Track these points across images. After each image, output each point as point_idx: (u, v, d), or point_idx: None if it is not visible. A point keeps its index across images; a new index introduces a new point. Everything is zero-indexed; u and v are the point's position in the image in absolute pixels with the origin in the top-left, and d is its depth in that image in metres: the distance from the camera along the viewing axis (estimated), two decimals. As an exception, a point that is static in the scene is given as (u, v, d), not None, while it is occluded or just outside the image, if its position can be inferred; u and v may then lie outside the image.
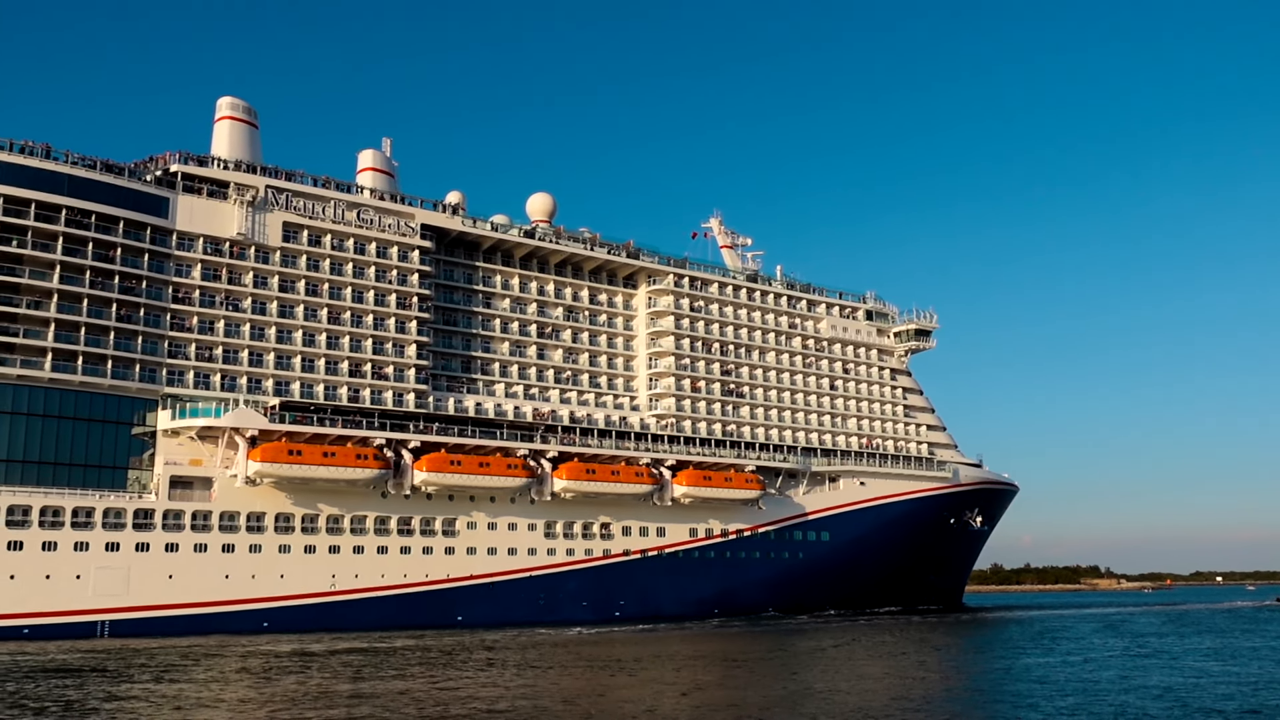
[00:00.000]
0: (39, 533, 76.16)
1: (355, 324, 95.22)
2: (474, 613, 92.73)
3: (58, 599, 76.07)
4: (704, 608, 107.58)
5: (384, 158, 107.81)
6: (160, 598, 79.77)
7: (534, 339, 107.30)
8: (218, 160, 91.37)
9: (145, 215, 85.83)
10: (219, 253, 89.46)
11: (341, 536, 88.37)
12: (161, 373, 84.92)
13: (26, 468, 78.04)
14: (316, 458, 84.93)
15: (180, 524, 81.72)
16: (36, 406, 79.02)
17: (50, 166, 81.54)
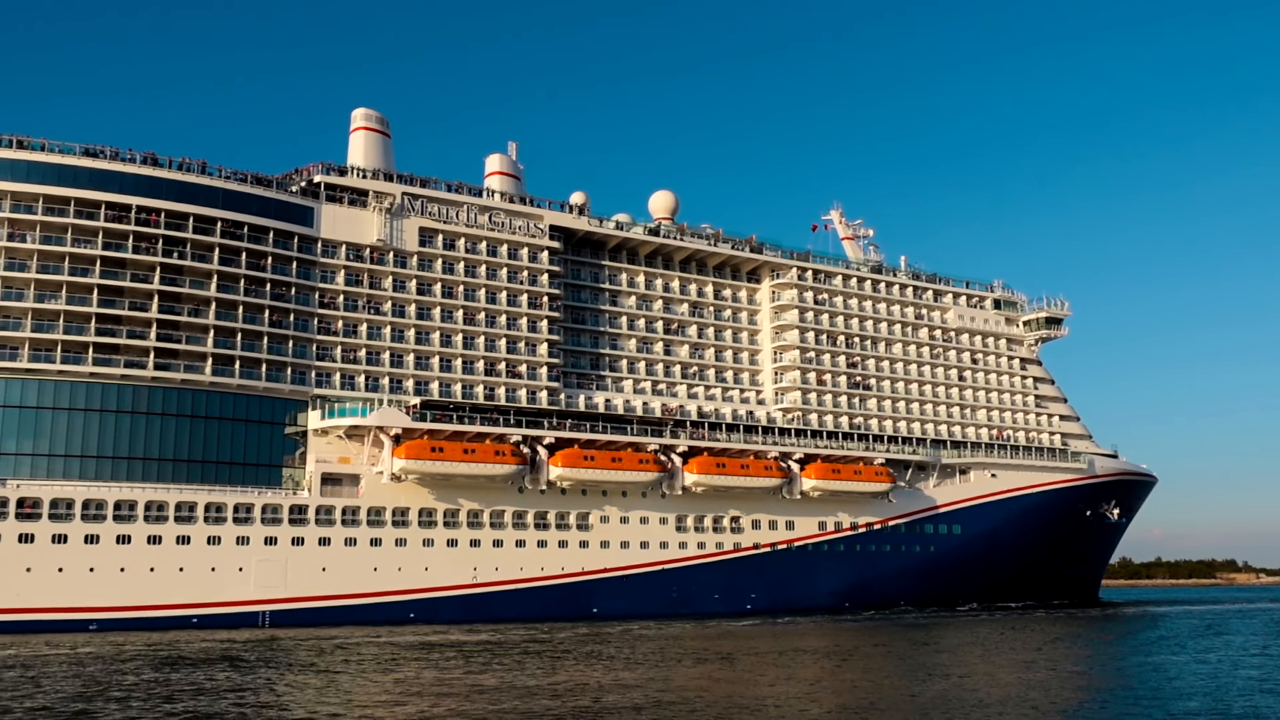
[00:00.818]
0: (204, 528, 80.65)
1: (489, 324, 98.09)
2: (609, 605, 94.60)
3: (223, 590, 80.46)
4: (835, 600, 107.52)
5: (510, 161, 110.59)
6: (315, 589, 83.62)
7: (660, 335, 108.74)
8: (357, 170, 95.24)
9: (292, 225, 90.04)
10: (360, 258, 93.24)
11: (481, 530, 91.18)
12: (310, 375, 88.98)
13: (191, 466, 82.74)
14: (457, 454, 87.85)
15: (331, 519, 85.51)
16: (199, 409, 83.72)
17: (206, 181, 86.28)
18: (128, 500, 78.58)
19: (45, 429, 78.72)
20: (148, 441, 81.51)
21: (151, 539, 78.69)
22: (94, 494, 77.71)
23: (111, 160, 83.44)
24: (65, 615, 74.64)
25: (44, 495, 76.16)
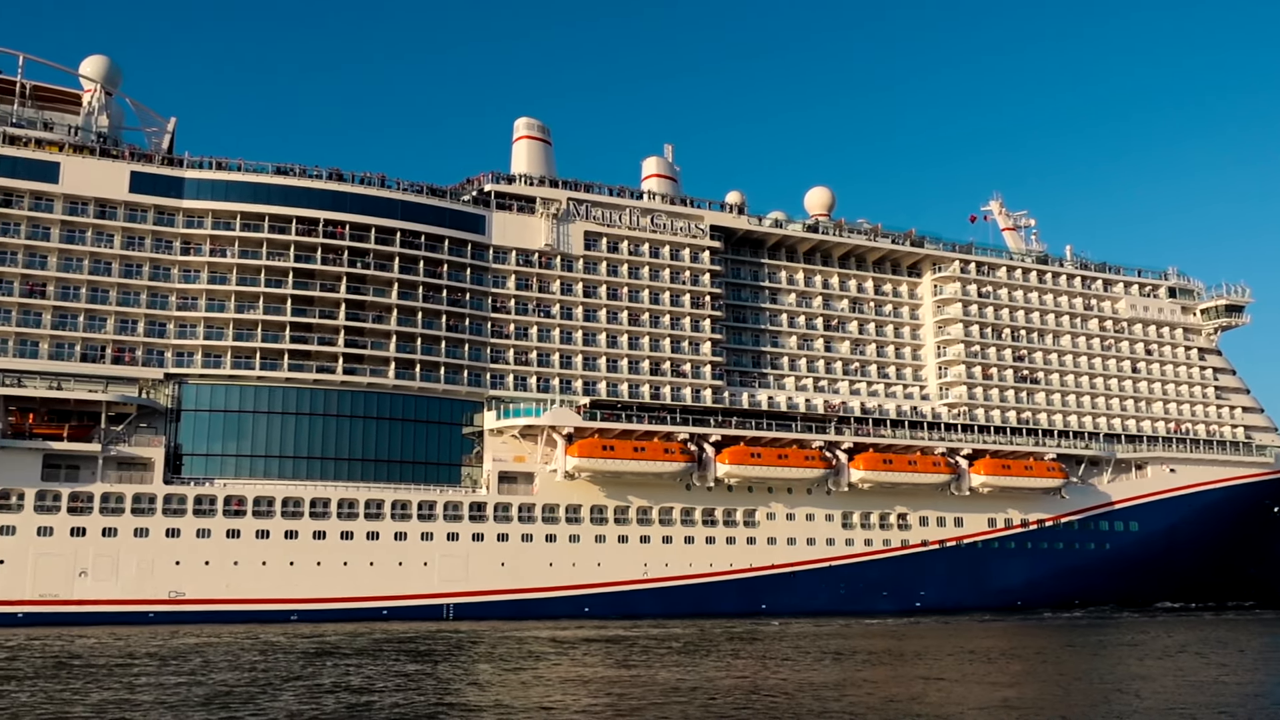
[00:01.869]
0: (391, 524, 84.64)
1: (653, 324, 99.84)
2: (777, 601, 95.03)
3: (410, 584, 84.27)
4: (1006, 599, 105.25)
5: (667, 163, 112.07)
6: (495, 583, 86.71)
7: (820, 332, 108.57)
8: (524, 178, 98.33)
9: (465, 233, 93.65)
10: (529, 263, 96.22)
11: (650, 527, 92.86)
12: (485, 377, 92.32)
13: (378, 466, 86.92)
14: (628, 452, 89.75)
15: (508, 516, 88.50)
16: (384, 410, 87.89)
17: (386, 194, 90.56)
18: (322, 498, 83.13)
19: (247, 431, 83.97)
20: (338, 442, 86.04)
21: (344, 534, 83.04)
22: (292, 492, 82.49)
23: (300, 177, 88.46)
24: (269, 606, 79.46)
25: (248, 494, 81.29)
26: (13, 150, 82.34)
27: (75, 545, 76.17)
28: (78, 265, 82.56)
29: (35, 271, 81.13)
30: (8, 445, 75.67)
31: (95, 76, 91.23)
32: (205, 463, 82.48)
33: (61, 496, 76.57)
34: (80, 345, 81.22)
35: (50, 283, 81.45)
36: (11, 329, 79.51)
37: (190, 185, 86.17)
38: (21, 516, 75.34)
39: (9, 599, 73.90)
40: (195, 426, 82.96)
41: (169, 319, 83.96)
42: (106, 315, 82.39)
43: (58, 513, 76.27)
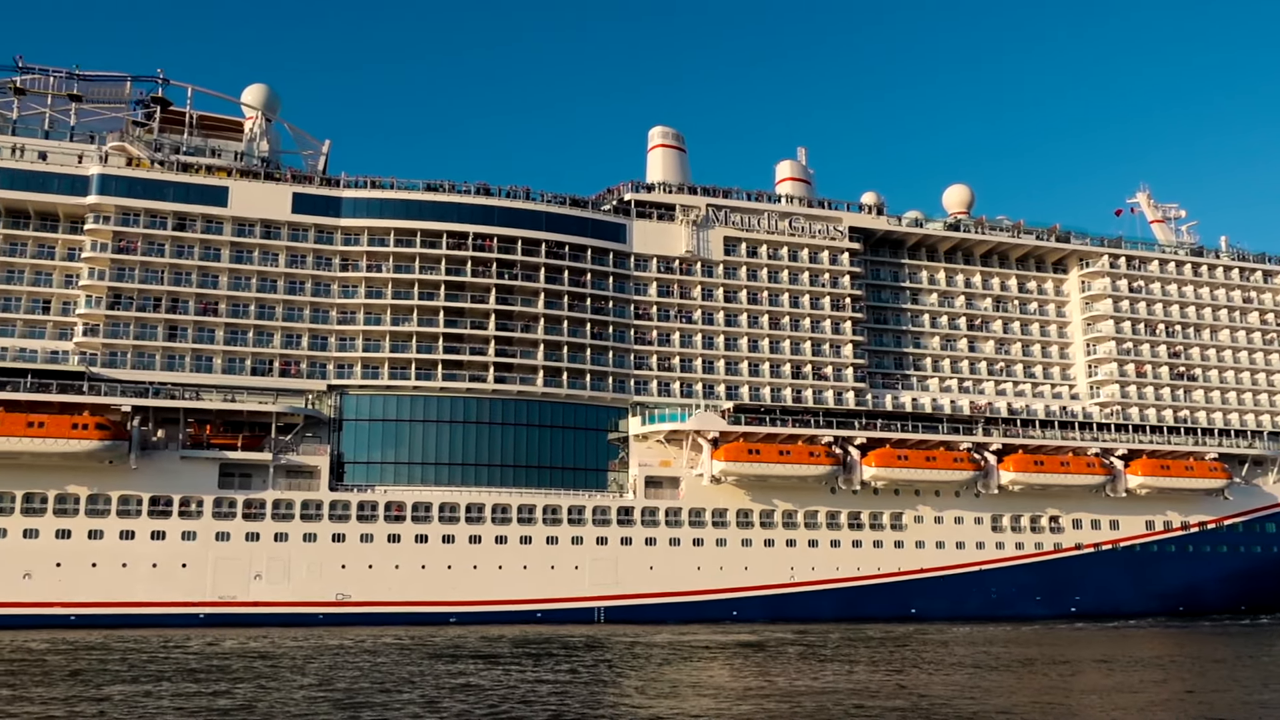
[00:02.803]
0: (543, 529, 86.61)
1: (794, 328, 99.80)
2: (926, 605, 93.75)
3: (561, 587, 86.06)
4: (1166, 604, 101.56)
5: (801, 166, 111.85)
6: (643, 587, 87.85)
7: (964, 332, 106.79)
8: (663, 186, 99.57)
9: (607, 242, 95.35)
10: (670, 270, 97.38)
11: (796, 530, 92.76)
12: (630, 383, 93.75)
13: (528, 472, 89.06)
14: (774, 456, 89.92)
15: (655, 520, 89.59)
16: (533, 418, 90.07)
17: (531, 206, 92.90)
18: (476, 503, 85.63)
19: (404, 439, 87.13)
20: (490, 448, 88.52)
21: (498, 539, 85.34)
22: (448, 498, 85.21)
23: (450, 193, 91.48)
24: (429, 609, 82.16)
25: (407, 499, 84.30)
26: (185, 177, 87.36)
27: (250, 550, 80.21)
28: (246, 284, 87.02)
29: (208, 291, 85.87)
30: (188, 455, 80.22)
31: (256, 104, 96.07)
32: (366, 470, 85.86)
33: (237, 503, 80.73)
34: (250, 360, 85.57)
35: (222, 301, 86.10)
36: (188, 345, 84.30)
37: (347, 204, 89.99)
38: (201, 523, 79.72)
39: (191, 600, 78.24)
40: (356, 435, 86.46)
41: (330, 333, 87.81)
42: (273, 331, 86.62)
43: (233, 519, 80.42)
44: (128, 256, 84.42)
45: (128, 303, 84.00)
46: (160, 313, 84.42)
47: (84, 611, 75.69)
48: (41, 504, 77.01)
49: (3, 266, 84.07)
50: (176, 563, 78.53)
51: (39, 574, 75.75)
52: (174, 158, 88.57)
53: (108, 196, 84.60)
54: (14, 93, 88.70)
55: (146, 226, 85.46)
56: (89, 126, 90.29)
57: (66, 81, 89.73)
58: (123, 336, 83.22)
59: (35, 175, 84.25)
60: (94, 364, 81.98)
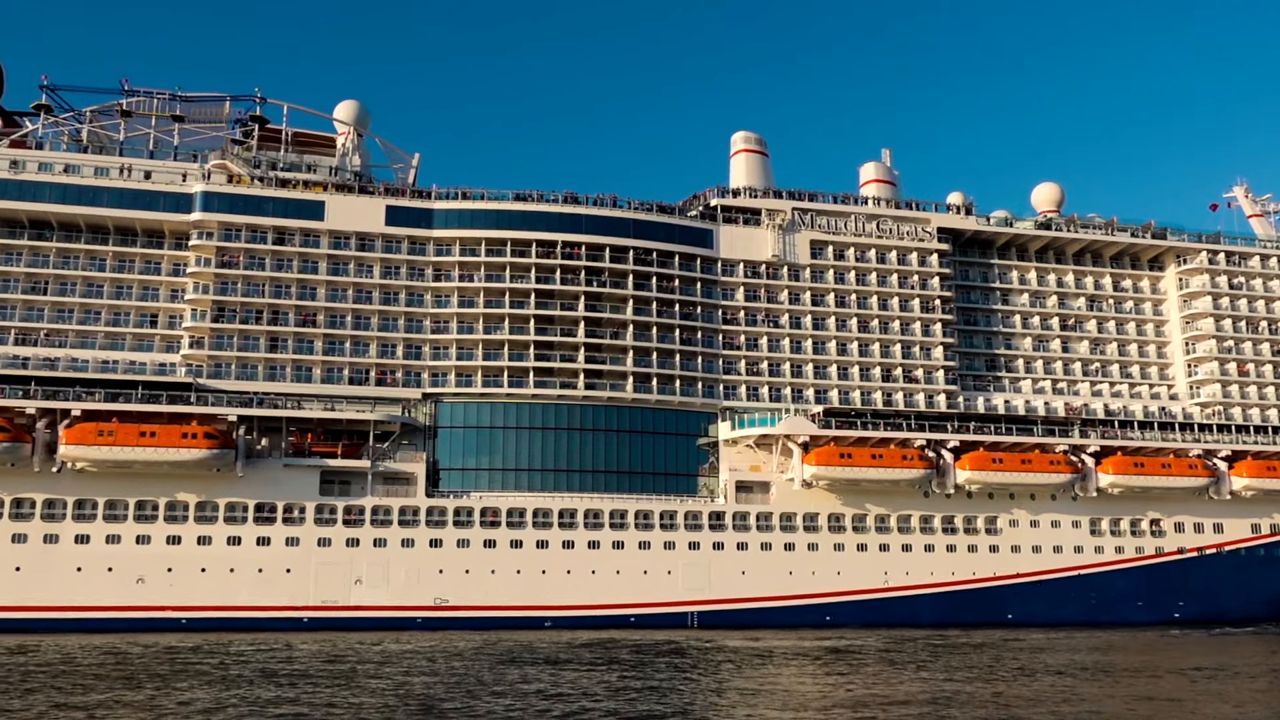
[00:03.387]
0: (635, 533, 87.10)
1: (883, 330, 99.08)
2: (1024, 611, 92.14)
3: (654, 592, 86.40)
4: (1273, 609, 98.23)
5: (885, 168, 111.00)
6: (736, 591, 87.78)
7: (1056, 332, 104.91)
8: (748, 190, 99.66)
9: (694, 248, 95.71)
10: (756, 275, 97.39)
11: (889, 535, 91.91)
12: (719, 388, 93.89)
13: (619, 477, 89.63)
14: (865, 460, 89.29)
15: (746, 525, 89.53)
16: (623, 423, 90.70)
17: (618, 214, 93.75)
18: (569, 509, 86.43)
19: (498, 446, 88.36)
20: (581, 454, 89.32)
21: (591, 544, 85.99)
22: (541, 503, 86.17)
23: (538, 202, 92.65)
24: (524, 613, 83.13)
25: (501, 505, 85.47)
26: (284, 192, 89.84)
27: (351, 555, 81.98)
28: (343, 295, 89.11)
29: (307, 303, 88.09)
30: (291, 463, 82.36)
31: (348, 120, 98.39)
32: (461, 476, 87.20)
33: (337, 510, 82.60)
34: (348, 369, 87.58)
35: (320, 312, 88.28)
36: (289, 356, 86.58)
37: (439, 215, 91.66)
38: (304, 529, 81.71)
39: (296, 604, 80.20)
40: (451, 442, 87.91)
41: (424, 342, 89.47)
42: (369, 341, 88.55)
43: (334, 525, 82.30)
44: (230, 271, 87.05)
45: (231, 316, 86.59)
46: (262, 325, 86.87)
47: (194, 615, 78.12)
48: (153, 511, 79.63)
49: (112, 283, 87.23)
50: (281, 568, 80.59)
51: (151, 579, 78.34)
52: (272, 174, 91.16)
53: (211, 213, 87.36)
54: (120, 115, 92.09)
55: (248, 241, 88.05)
56: (191, 146, 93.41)
57: (169, 103, 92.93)
58: (227, 349, 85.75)
59: (142, 194, 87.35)
60: (200, 375, 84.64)
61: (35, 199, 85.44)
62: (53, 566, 77.16)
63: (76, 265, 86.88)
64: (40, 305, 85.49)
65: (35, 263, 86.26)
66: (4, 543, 76.98)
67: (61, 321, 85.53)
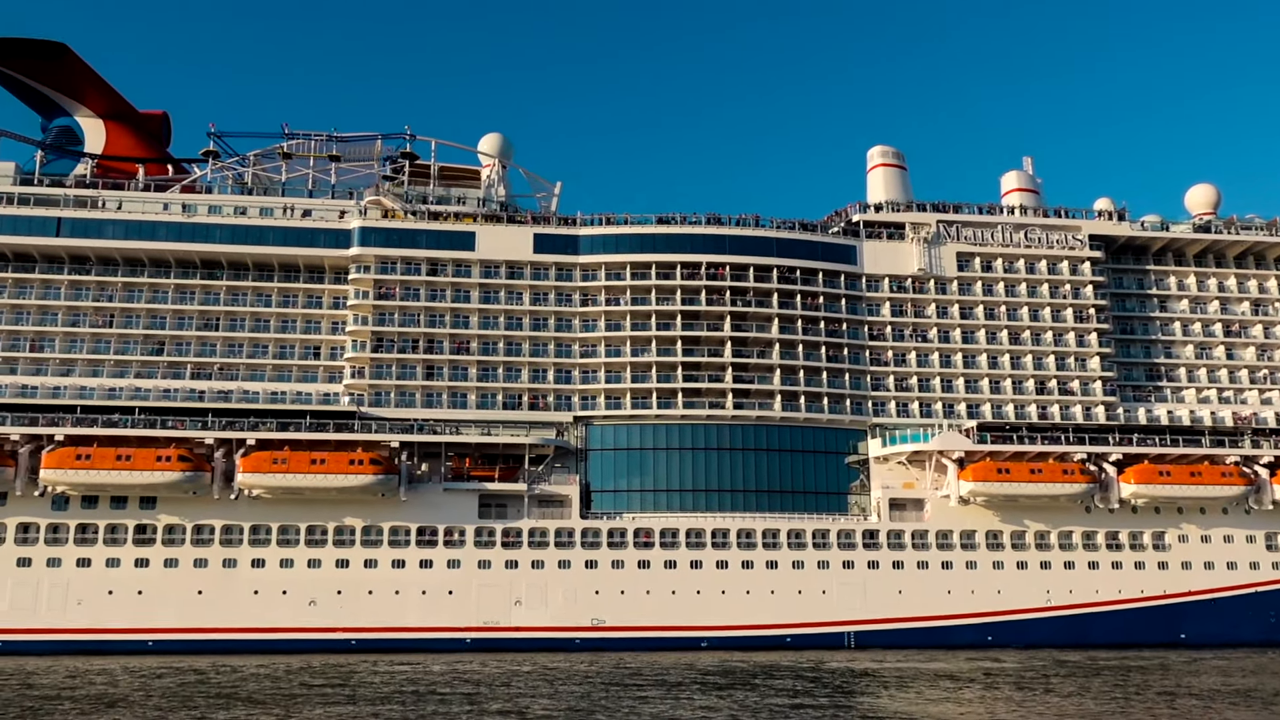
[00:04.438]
0: (788, 553, 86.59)
1: (1036, 342, 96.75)
2: (1198, 630, 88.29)
3: (810, 612, 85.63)
4: None
5: (1028, 176, 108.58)
6: (893, 611, 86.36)
7: (1220, 339, 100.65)
8: (890, 205, 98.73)
9: (837, 264, 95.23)
10: (902, 289, 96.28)
11: (1050, 552, 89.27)
12: (867, 405, 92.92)
13: (770, 496, 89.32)
14: (1024, 474, 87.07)
15: (901, 543, 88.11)
16: (773, 442, 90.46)
17: (761, 233, 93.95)
18: (721, 529, 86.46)
19: (649, 467, 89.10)
20: (732, 474, 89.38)
21: (745, 564, 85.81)
22: (694, 524, 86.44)
23: (681, 224, 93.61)
24: (681, 633, 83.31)
25: (654, 526, 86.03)
26: (435, 224, 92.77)
27: (510, 576, 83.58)
28: (494, 322, 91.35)
29: (461, 331, 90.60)
30: (450, 487, 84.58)
31: (492, 152, 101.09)
32: (613, 498, 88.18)
33: (495, 532, 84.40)
34: (501, 395, 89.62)
35: (473, 340, 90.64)
36: (445, 384, 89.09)
37: (585, 241, 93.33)
38: (464, 551, 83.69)
39: (459, 625, 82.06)
40: (602, 464, 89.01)
41: (574, 366, 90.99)
42: (521, 366, 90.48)
43: (493, 547, 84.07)
44: (388, 302, 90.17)
45: (389, 345, 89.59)
46: (418, 353, 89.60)
47: (363, 636, 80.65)
48: (322, 536, 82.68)
49: (278, 317, 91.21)
50: (443, 589, 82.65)
51: (323, 601, 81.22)
52: (423, 207, 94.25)
53: (368, 247, 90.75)
54: (281, 157, 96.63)
55: (403, 273, 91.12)
56: (346, 184, 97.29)
57: (326, 144, 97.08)
58: (386, 377, 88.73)
59: (304, 231, 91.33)
60: (362, 404, 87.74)
61: (207, 240, 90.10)
62: (232, 590, 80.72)
63: (245, 301, 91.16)
64: (213, 341, 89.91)
65: (208, 300, 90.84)
66: (187, 567, 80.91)
67: (233, 355, 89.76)
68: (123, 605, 79.40)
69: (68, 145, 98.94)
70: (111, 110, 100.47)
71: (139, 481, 79.41)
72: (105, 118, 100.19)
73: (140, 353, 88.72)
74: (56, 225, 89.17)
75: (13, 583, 79.19)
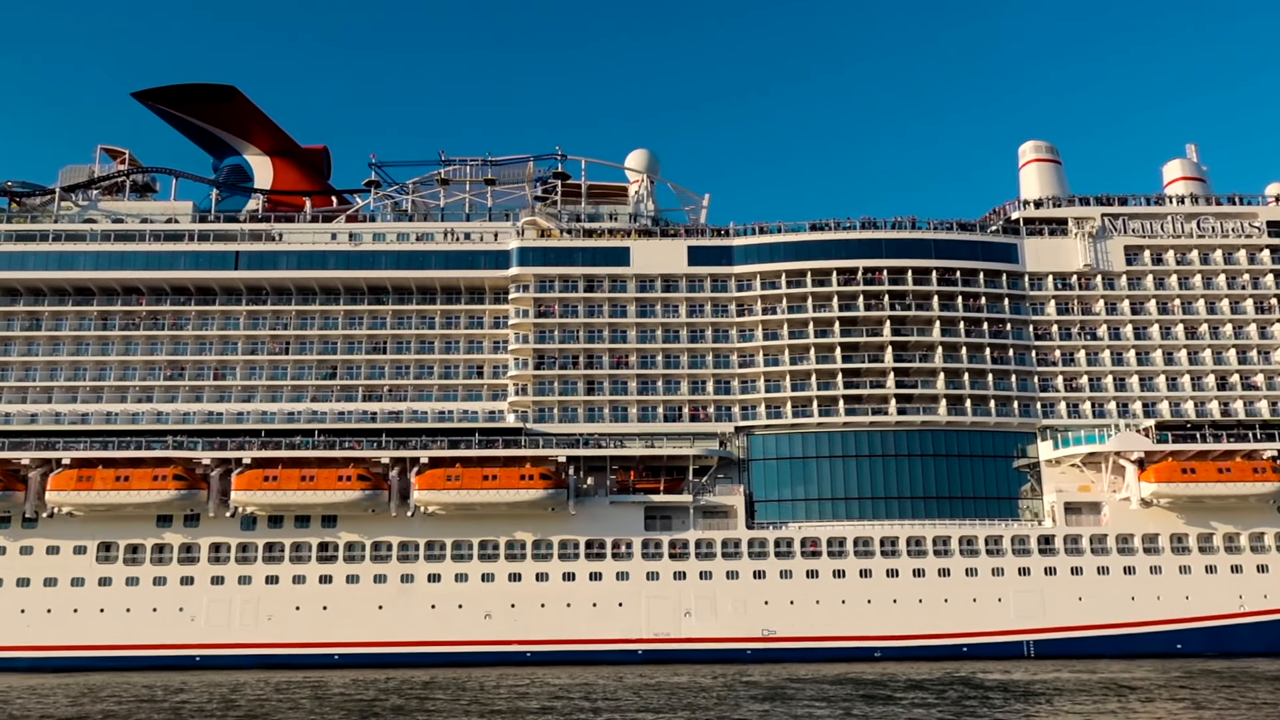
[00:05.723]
0: (960, 560, 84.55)
1: (1214, 336, 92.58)
2: None
3: (985, 620, 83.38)
4: None
5: (1192, 164, 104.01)
6: (1073, 619, 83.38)
7: None
8: (1051, 200, 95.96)
9: (998, 264, 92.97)
10: (1067, 286, 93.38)
11: (1240, 555, 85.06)
12: (1035, 406, 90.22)
13: (937, 503, 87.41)
14: (1212, 474, 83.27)
15: (1079, 548, 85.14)
16: (939, 448, 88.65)
17: (917, 235, 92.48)
18: (890, 536, 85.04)
19: (812, 476, 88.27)
20: (899, 481, 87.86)
21: (916, 572, 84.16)
22: (861, 532, 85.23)
23: (835, 230, 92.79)
24: (853, 644, 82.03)
25: (821, 535, 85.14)
26: (590, 241, 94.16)
27: (679, 588, 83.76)
28: (652, 336, 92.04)
29: (619, 345, 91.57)
30: (617, 500, 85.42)
31: (639, 168, 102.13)
32: (778, 508, 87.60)
33: (662, 544, 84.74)
34: (661, 407, 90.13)
35: (632, 354, 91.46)
36: (606, 398, 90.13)
37: (738, 252, 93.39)
38: (632, 564, 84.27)
39: (630, 637, 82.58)
40: (765, 474, 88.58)
41: (733, 376, 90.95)
42: (680, 379, 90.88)
43: (660, 559, 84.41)
44: (547, 320, 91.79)
45: (550, 362, 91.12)
46: (579, 369, 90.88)
47: (538, 649, 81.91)
48: (494, 550, 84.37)
49: (441, 338, 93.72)
50: (613, 602, 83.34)
51: (497, 614, 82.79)
52: (577, 225, 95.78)
53: (527, 267, 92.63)
54: (440, 184, 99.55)
55: (561, 290, 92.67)
56: (501, 206, 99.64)
57: (481, 168, 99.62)
58: (549, 394, 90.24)
59: (465, 254, 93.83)
60: (526, 420, 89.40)
61: (374, 267, 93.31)
62: (410, 605, 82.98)
63: (410, 324, 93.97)
64: (381, 363, 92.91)
65: (375, 324, 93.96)
66: (368, 583, 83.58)
67: (400, 377, 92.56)
68: (309, 620, 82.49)
69: (239, 183, 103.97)
70: (277, 147, 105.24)
71: (322, 501, 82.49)
72: (271, 154, 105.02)
73: (314, 377, 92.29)
74: (235, 259, 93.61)
75: (208, 600, 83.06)
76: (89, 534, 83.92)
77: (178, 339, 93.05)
